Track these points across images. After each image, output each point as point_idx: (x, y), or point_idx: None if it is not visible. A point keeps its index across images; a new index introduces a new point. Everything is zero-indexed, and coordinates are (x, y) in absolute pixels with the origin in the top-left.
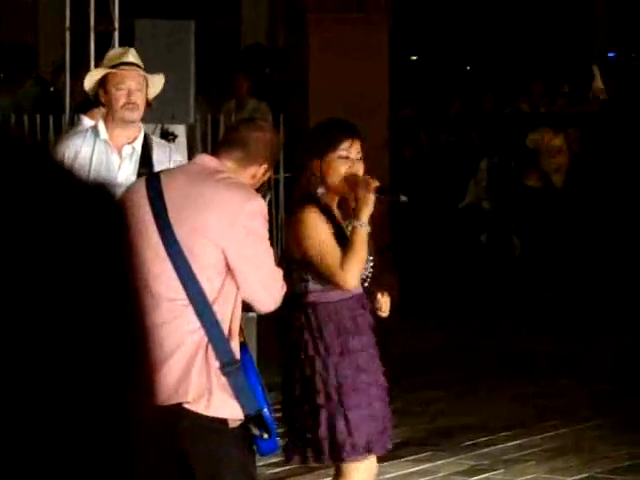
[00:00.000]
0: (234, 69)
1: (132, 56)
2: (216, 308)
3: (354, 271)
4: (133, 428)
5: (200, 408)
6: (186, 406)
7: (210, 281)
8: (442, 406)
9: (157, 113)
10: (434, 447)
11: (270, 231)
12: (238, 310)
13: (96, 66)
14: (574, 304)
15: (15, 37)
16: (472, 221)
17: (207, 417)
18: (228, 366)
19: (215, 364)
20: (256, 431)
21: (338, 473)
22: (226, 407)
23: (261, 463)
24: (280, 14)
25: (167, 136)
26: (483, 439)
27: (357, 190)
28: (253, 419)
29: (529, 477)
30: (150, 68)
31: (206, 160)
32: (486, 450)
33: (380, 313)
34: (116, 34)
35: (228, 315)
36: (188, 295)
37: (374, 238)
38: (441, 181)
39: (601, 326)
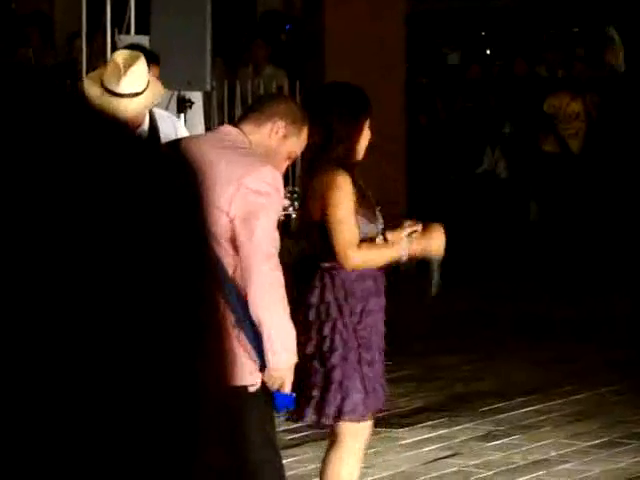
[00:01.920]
0: (252, 35)
1: (129, 82)
2: (233, 274)
3: (360, 263)
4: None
5: (235, 377)
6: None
7: (226, 251)
8: (459, 372)
9: (173, 80)
10: (451, 413)
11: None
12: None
13: (112, 33)
14: (591, 268)
15: (31, 6)
16: (489, 186)
17: (240, 385)
18: (243, 321)
19: (231, 325)
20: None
21: (341, 436)
22: (245, 372)
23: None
24: None
25: (183, 103)
26: (500, 405)
27: (433, 240)
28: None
29: (547, 442)
30: (166, 34)
31: (227, 129)
32: (503, 416)
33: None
34: (132, 0)
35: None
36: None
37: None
38: (457, 147)
39: (619, 290)
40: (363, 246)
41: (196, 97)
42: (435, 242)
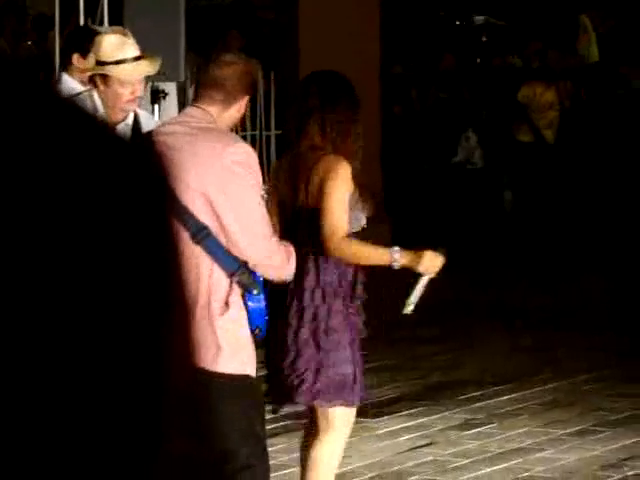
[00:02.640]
0: (225, 26)
1: (133, 47)
2: (221, 239)
3: (343, 252)
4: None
5: (207, 363)
6: (194, 361)
7: (205, 222)
8: (436, 361)
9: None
10: (428, 402)
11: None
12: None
13: (85, 24)
14: (566, 256)
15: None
16: (463, 176)
17: (214, 373)
18: (237, 271)
19: (218, 312)
20: (247, 281)
21: (331, 421)
22: (234, 362)
23: None
24: None
25: (158, 94)
26: (477, 393)
27: (427, 257)
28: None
29: (523, 430)
30: (139, 26)
31: (192, 111)
32: (480, 404)
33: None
34: None
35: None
36: (189, 231)
37: (367, 195)
38: (432, 137)
39: (594, 278)
40: (348, 240)
41: (170, 89)
42: (428, 260)
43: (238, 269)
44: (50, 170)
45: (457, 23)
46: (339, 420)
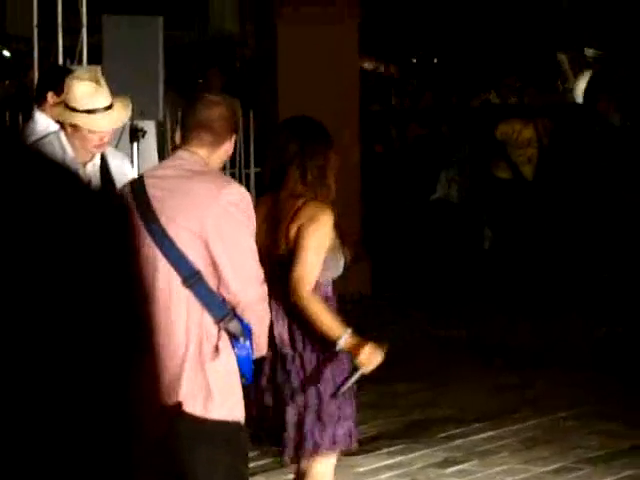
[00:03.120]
0: (205, 64)
1: (104, 96)
2: (211, 283)
3: (306, 304)
4: (134, 426)
5: (197, 409)
6: (183, 406)
7: (198, 267)
8: (416, 398)
9: None
10: (408, 440)
11: None
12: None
13: (64, 63)
14: (545, 293)
15: None
16: (443, 213)
17: (203, 419)
18: (225, 317)
19: (209, 357)
20: (235, 328)
21: (324, 466)
22: (224, 407)
23: None
24: (248, 8)
25: (136, 132)
26: (457, 431)
27: (362, 354)
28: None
29: (503, 468)
30: (118, 64)
31: (182, 154)
32: (460, 442)
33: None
34: (84, 30)
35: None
36: (181, 276)
37: (348, 241)
38: (412, 174)
39: (572, 315)
40: (314, 297)
41: (149, 127)
42: (366, 354)
43: (226, 315)
44: (6, 218)
45: (435, 61)
46: (329, 466)
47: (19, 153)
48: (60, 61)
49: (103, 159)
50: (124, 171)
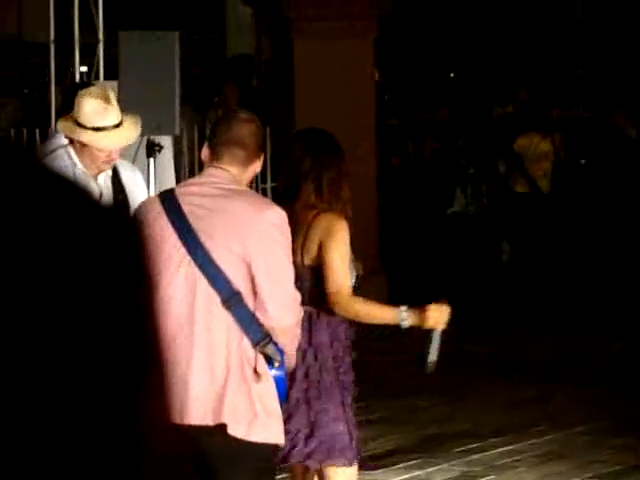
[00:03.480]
0: (221, 79)
1: (113, 114)
2: (250, 305)
3: (351, 311)
4: (142, 440)
5: (240, 431)
6: (226, 428)
7: (238, 288)
8: (433, 413)
9: (142, 124)
10: (425, 454)
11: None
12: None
13: (81, 79)
14: (563, 307)
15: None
16: (460, 227)
17: (245, 442)
18: (262, 341)
19: (251, 379)
20: (270, 351)
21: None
22: (267, 430)
23: None
24: (265, 24)
25: (153, 147)
26: (474, 445)
27: (432, 315)
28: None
29: None
30: (134, 79)
31: (214, 172)
32: (477, 456)
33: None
34: (100, 46)
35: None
36: (221, 296)
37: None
38: (428, 188)
39: (591, 331)
40: (356, 298)
41: (165, 142)
42: (435, 314)
43: (263, 339)
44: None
45: (451, 75)
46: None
47: (26, 167)
48: (77, 77)
49: (115, 170)
50: (136, 182)
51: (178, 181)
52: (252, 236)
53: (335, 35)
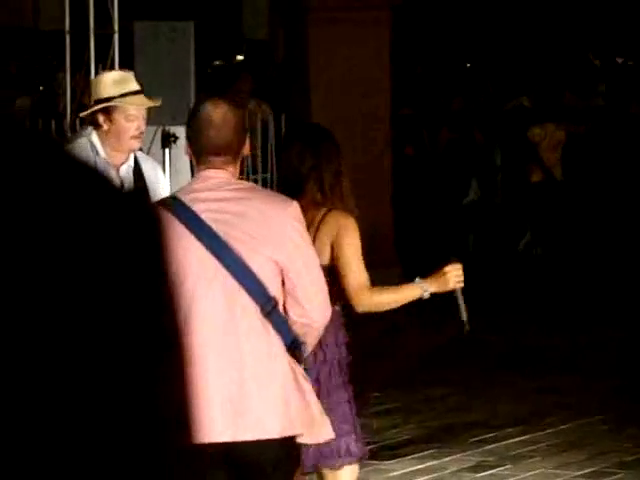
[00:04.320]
0: (237, 69)
1: (133, 81)
2: (281, 308)
3: (373, 305)
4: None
5: (308, 438)
6: (300, 438)
7: (273, 293)
8: (448, 403)
9: (157, 115)
10: (440, 444)
11: None
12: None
13: (96, 70)
14: (577, 298)
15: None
16: (476, 217)
17: (295, 444)
18: (292, 344)
19: (303, 381)
20: (299, 355)
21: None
22: (326, 426)
23: None
24: (280, 14)
25: (168, 138)
26: (489, 435)
27: (451, 277)
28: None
29: (535, 472)
30: (149, 70)
31: (214, 175)
32: (492, 446)
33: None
34: (116, 36)
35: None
36: (259, 304)
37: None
38: (444, 178)
39: (606, 320)
40: (375, 289)
41: (180, 133)
42: (453, 274)
43: (293, 343)
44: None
45: (468, 65)
46: (346, 477)
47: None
48: (92, 66)
49: (136, 162)
50: (157, 177)
51: (193, 172)
52: (281, 235)
53: (350, 24)
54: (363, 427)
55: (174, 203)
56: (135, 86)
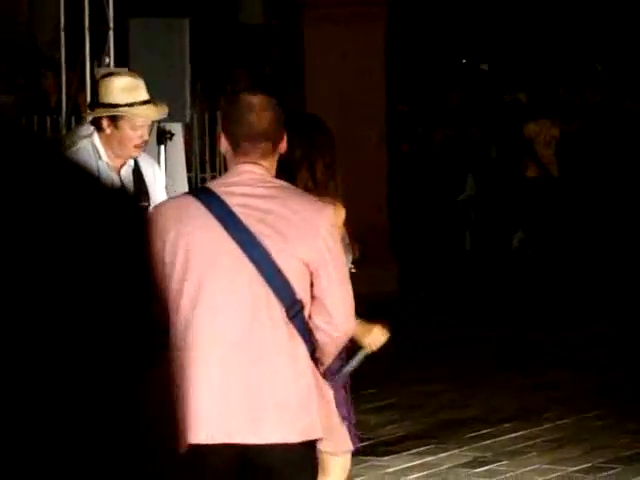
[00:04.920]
0: (232, 66)
1: (144, 90)
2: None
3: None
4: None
5: (329, 445)
6: (320, 445)
7: (299, 295)
8: (443, 399)
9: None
10: (437, 440)
11: None
12: None
13: (91, 67)
14: (572, 294)
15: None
16: (472, 213)
17: (316, 449)
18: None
19: (326, 389)
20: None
21: (332, 469)
22: (345, 437)
23: None
24: (276, 10)
25: (164, 135)
26: (485, 431)
27: (371, 337)
28: None
29: (532, 468)
30: (145, 67)
31: (250, 169)
32: (489, 442)
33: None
34: (111, 33)
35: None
36: (285, 305)
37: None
38: (439, 174)
39: (602, 316)
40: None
41: (176, 129)
42: (375, 336)
43: (314, 350)
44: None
45: (464, 61)
46: (335, 467)
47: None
48: (87, 64)
49: (136, 163)
50: (154, 175)
51: (189, 169)
52: (317, 239)
53: (345, 21)
54: (359, 423)
55: (208, 195)
56: (144, 95)
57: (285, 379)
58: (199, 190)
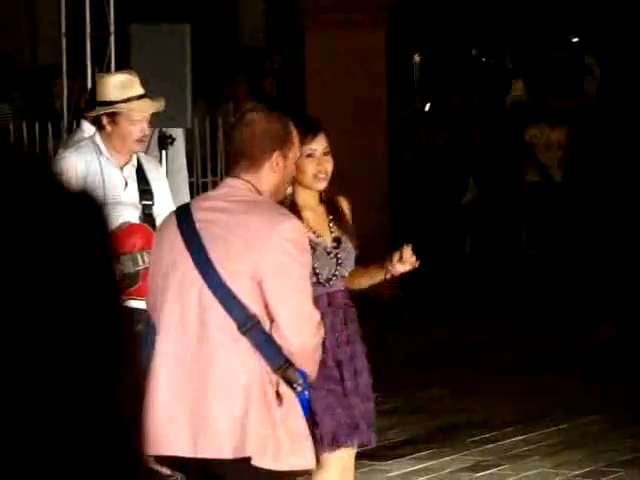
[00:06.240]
0: (233, 71)
1: (139, 85)
2: (267, 328)
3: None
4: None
5: (266, 463)
6: (251, 457)
7: (253, 310)
8: (445, 403)
9: (154, 117)
10: (438, 444)
11: None
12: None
13: (92, 73)
14: (573, 297)
15: (12, 43)
16: (474, 217)
17: (273, 472)
18: (282, 366)
19: (275, 404)
20: (293, 375)
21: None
22: (296, 456)
23: None
24: (277, 16)
25: (165, 140)
26: (487, 435)
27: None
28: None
29: (534, 472)
30: (146, 72)
31: (232, 183)
32: (490, 446)
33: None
34: (112, 39)
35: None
36: (236, 322)
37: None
38: (441, 178)
39: (603, 319)
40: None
41: (177, 135)
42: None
43: (284, 363)
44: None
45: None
46: (333, 462)
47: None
48: (89, 69)
49: (139, 163)
50: (159, 177)
51: (191, 173)
52: (263, 255)
53: (347, 26)
54: None
55: (183, 211)
56: (139, 90)
57: (224, 395)
58: (184, 205)
